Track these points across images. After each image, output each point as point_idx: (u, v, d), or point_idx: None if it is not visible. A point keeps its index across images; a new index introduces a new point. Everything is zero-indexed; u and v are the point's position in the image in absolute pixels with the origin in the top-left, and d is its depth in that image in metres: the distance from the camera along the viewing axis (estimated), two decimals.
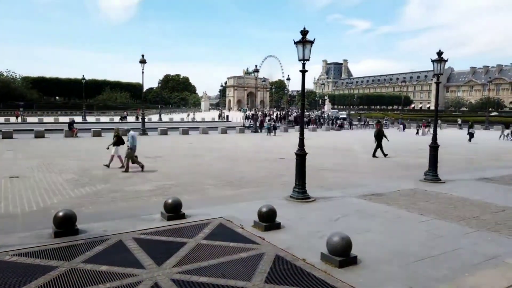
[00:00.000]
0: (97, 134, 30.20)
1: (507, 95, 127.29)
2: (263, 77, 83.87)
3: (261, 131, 39.52)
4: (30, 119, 55.53)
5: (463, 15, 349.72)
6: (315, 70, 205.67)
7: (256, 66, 48.68)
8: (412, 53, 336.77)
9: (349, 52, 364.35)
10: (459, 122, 57.24)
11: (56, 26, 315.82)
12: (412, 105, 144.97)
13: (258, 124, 41.68)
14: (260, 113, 63.53)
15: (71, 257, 5.90)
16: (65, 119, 47.45)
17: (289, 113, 66.37)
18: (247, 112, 57.84)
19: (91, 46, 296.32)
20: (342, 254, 5.78)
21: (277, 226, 7.57)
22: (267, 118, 54.98)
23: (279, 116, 64.94)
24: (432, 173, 13.30)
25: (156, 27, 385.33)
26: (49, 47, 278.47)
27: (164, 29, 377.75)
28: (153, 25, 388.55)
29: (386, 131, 23.17)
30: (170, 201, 8.13)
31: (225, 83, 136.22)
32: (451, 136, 38.64)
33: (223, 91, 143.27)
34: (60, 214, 6.91)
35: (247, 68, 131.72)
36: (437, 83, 14.14)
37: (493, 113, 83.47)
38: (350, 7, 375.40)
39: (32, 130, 30.32)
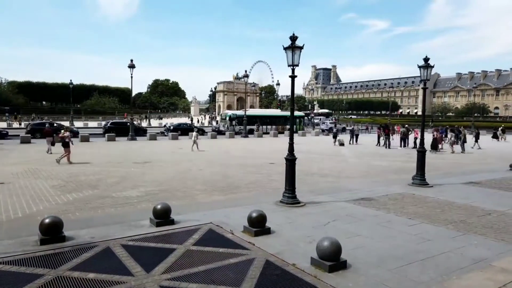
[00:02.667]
0: (85, 139, 29.84)
1: (491, 101, 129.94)
2: (253, 82, 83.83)
3: None
4: (16, 124, 54.57)
5: (492, 14, 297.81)
6: (308, 75, 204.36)
7: (246, 71, 48.55)
8: (422, 56, 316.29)
9: (353, 54, 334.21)
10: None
11: (49, 26, 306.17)
12: (400, 110, 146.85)
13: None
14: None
15: (57, 265, 5.79)
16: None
17: None
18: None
19: (84, 48, 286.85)
20: (332, 258, 5.80)
21: (267, 231, 7.55)
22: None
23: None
24: (420, 178, 13.46)
25: (150, 28, 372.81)
26: (38, 49, 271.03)
27: (156, 31, 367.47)
28: (147, 27, 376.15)
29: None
30: (159, 206, 8.07)
31: (215, 88, 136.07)
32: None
33: (213, 96, 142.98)
34: (46, 221, 6.79)
35: (237, 73, 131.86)
36: (424, 89, 14.37)
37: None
38: (369, 5, 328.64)
39: (18, 135, 29.80)
